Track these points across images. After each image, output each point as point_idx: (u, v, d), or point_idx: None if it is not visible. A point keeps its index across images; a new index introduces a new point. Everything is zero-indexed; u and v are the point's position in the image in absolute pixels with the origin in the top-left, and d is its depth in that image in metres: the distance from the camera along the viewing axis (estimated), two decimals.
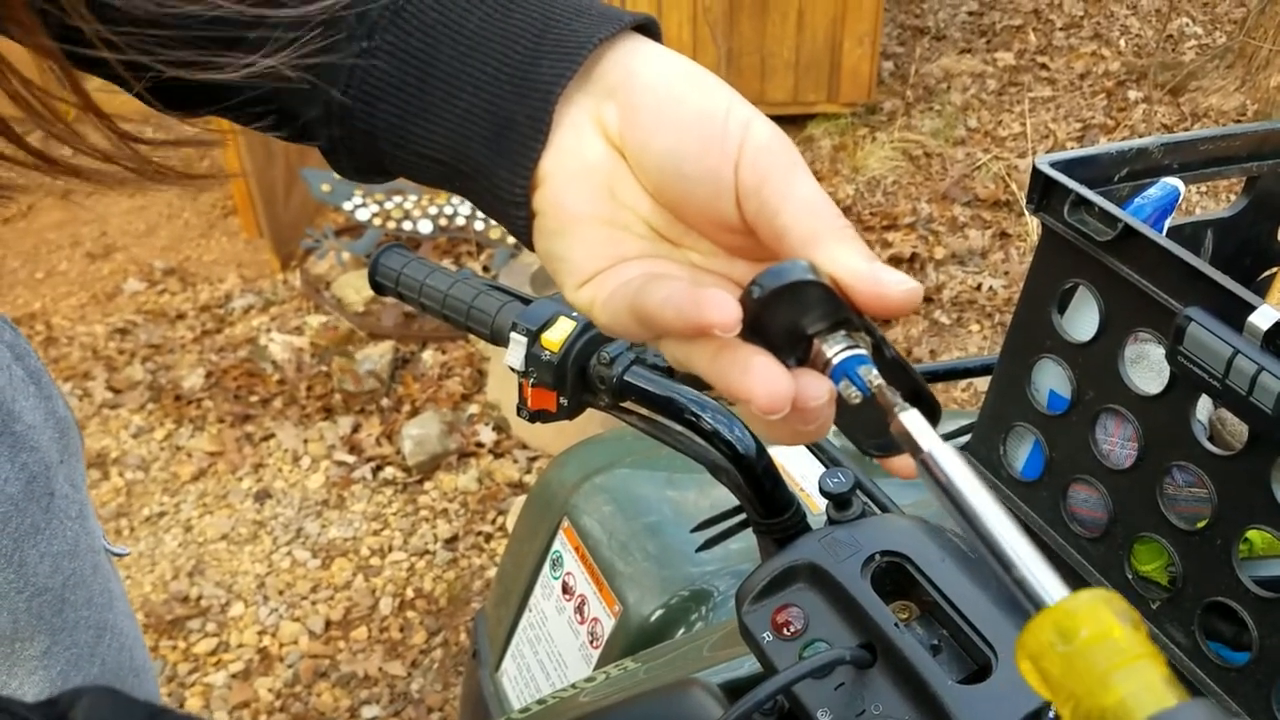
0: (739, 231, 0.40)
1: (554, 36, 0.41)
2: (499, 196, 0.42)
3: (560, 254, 0.42)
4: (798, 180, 0.39)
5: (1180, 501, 0.68)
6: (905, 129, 4.10)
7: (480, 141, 0.42)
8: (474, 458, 2.72)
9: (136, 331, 3.23)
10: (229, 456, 2.77)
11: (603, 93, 0.41)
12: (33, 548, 0.54)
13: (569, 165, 0.41)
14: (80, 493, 0.61)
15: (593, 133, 0.41)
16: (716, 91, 0.40)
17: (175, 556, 2.52)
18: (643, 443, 1.21)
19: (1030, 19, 4.90)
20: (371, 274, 0.83)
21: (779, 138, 0.40)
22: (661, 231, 0.42)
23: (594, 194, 0.41)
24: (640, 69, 0.41)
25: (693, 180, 0.40)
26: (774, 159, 0.39)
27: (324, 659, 2.28)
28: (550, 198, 0.41)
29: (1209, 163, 0.76)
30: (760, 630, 0.60)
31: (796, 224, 0.38)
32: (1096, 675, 0.29)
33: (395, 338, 3.05)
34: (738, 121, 0.40)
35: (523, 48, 0.41)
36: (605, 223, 0.41)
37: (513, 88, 0.41)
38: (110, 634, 0.61)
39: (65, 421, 0.60)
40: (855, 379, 0.38)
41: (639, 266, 0.41)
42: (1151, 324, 0.65)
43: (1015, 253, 3.44)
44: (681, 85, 0.40)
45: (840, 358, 0.38)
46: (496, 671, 1.17)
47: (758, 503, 0.70)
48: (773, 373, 0.36)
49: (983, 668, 0.57)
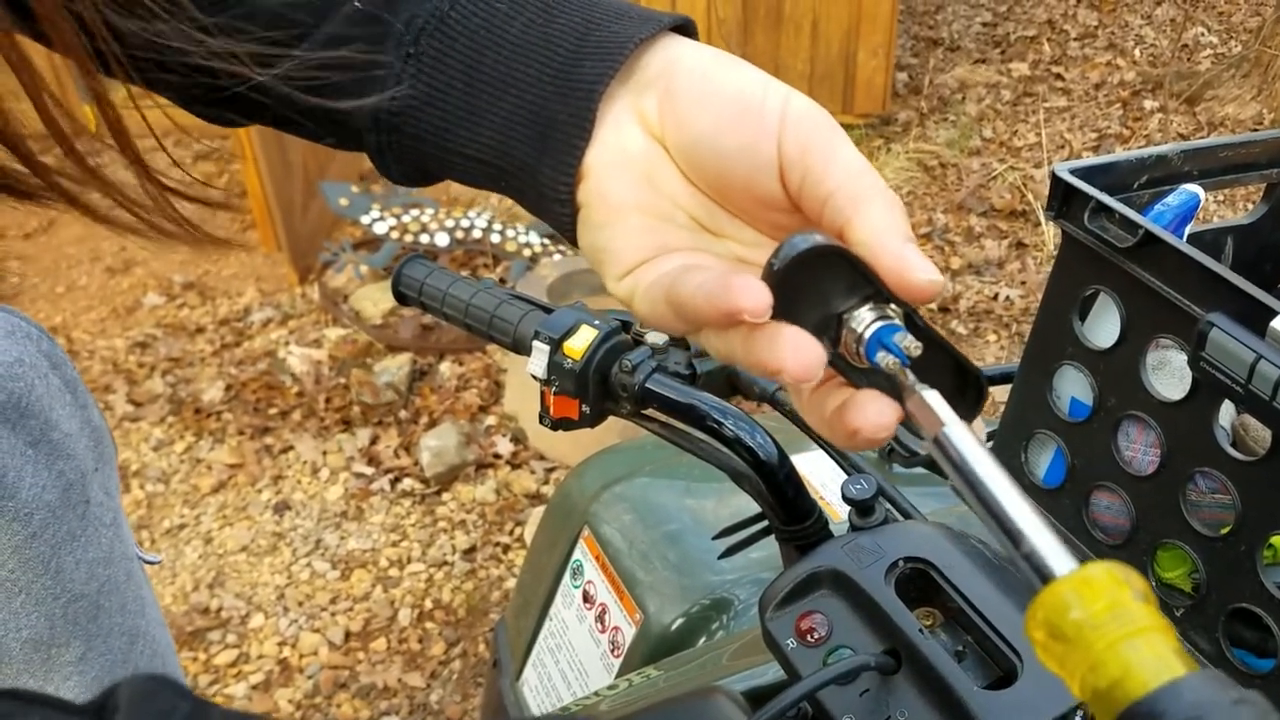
0: (781, 209, 0.41)
1: (595, 39, 0.42)
2: (544, 194, 0.43)
3: (603, 245, 0.42)
4: (840, 148, 0.39)
5: (1203, 508, 0.68)
6: (920, 140, 4.10)
7: (525, 141, 0.43)
8: (492, 469, 2.72)
9: (156, 345, 3.25)
10: (248, 468, 2.78)
11: (642, 86, 0.42)
12: (69, 554, 0.55)
13: (611, 158, 0.42)
14: (114, 500, 0.61)
15: (633, 125, 0.42)
16: (752, 73, 0.41)
17: (195, 568, 2.53)
18: (662, 451, 1.22)
19: (1044, 29, 4.90)
20: (395, 284, 0.84)
21: (818, 109, 0.40)
22: (703, 222, 0.43)
23: (635, 184, 0.42)
24: (679, 59, 0.42)
25: (732, 157, 0.40)
26: (816, 128, 0.39)
27: (343, 670, 2.29)
28: (594, 190, 0.42)
29: (1229, 170, 0.76)
30: (784, 637, 0.60)
31: (843, 187, 0.38)
32: (1106, 645, 0.29)
33: (413, 350, 3.06)
34: (776, 95, 0.40)
35: (565, 50, 0.42)
36: (647, 213, 0.42)
37: (555, 89, 0.42)
38: (143, 641, 0.62)
39: (100, 430, 0.61)
40: (893, 348, 0.37)
41: (680, 258, 0.41)
42: (1173, 330, 0.65)
43: (1032, 262, 3.44)
44: (718, 70, 0.41)
45: (872, 330, 0.38)
46: (518, 681, 1.18)
47: (780, 509, 0.70)
48: (802, 341, 0.36)
49: (1008, 674, 0.57)
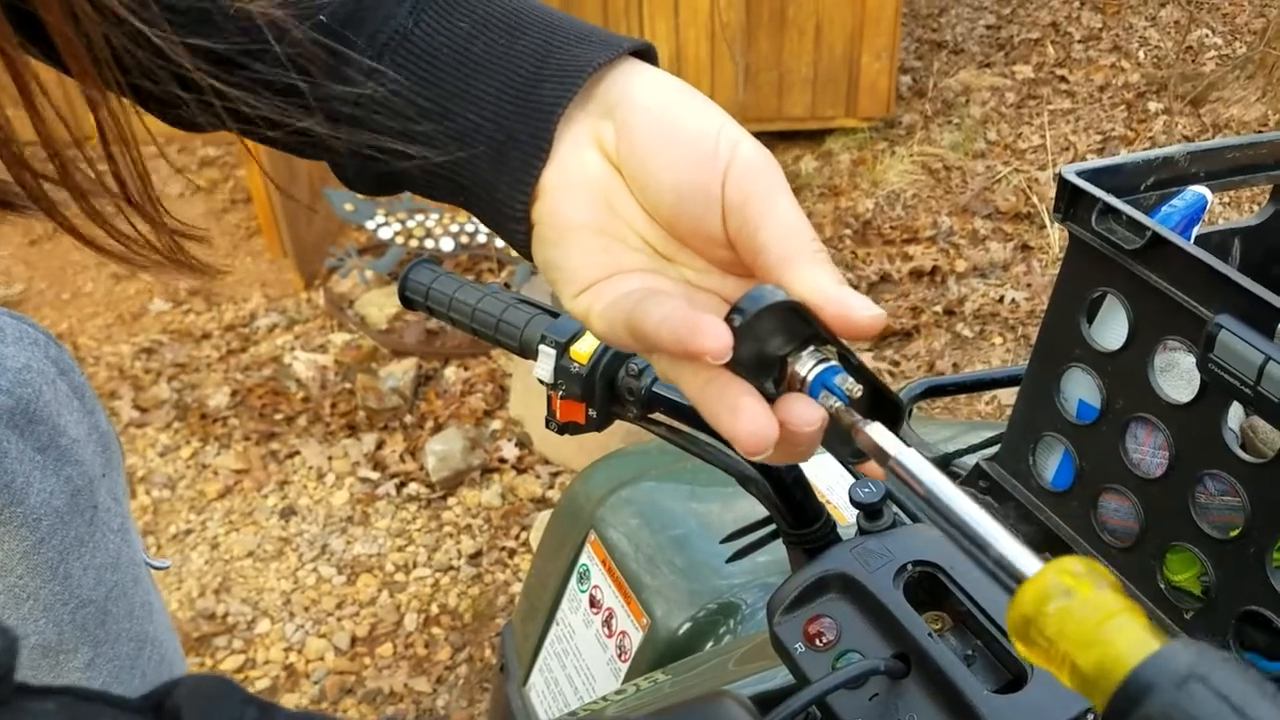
0: (729, 247, 0.42)
1: (556, 61, 0.43)
2: (500, 211, 0.44)
3: (558, 263, 0.43)
4: (778, 201, 0.40)
5: (1212, 510, 0.68)
6: (924, 143, 4.09)
7: (483, 159, 0.44)
8: (497, 473, 2.72)
9: (162, 351, 3.26)
10: (254, 474, 2.79)
11: (601, 113, 0.43)
12: (77, 560, 0.55)
13: (568, 179, 0.43)
14: (122, 506, 0.61)
15: (591, 149, 0.43)
16: (709, 112, 0.42)
17: (202, 574, 2.53)
18: (667, 456, 1.22)
19: (1048, 32, 4.89)
20: (401, 289, 0.84)
21: (765, 158, 0.42)
22: (656, 247, 0.44)
23: (591, 205, 0.43)
24: (637, 91, 0.43)
25: (685, 197, 0.41)
26: (758, 178, 0.41)
27: (350, 675, 2.29)
28: (548, 209, 0.43)
29: (1235, 171, 0.76)
30: (792, 641, 0.60)
31: (773, 243, 0.40)
32: (1086, 633, 0.31)
33: (418, 355, 3.07)
34: (728, 141, 0.41)
35: (526, 71, 0.43)
36: (601, 233, 0.43)
37: (515, 108, 0.43)
38: (150, 646, 0.62)
39: (107, 435, 0.61)
40: (834, 389, 0.41)
41: (636, 280, 0.42)
42: (1181, 332, 0.65)
43: (1037, 265, 3.43)
44: (676, 107, 0.42)
45: (815, 372, 0.41)
46: (524, 685, 1.17)
47: (788, 513, 0.70)
48: (760, 417, 0.38)
49: (1017, 677, 0.56)
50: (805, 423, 0.39)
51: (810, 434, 0.40)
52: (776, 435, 0.38)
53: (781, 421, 0.39)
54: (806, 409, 0.39)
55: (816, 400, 0.41)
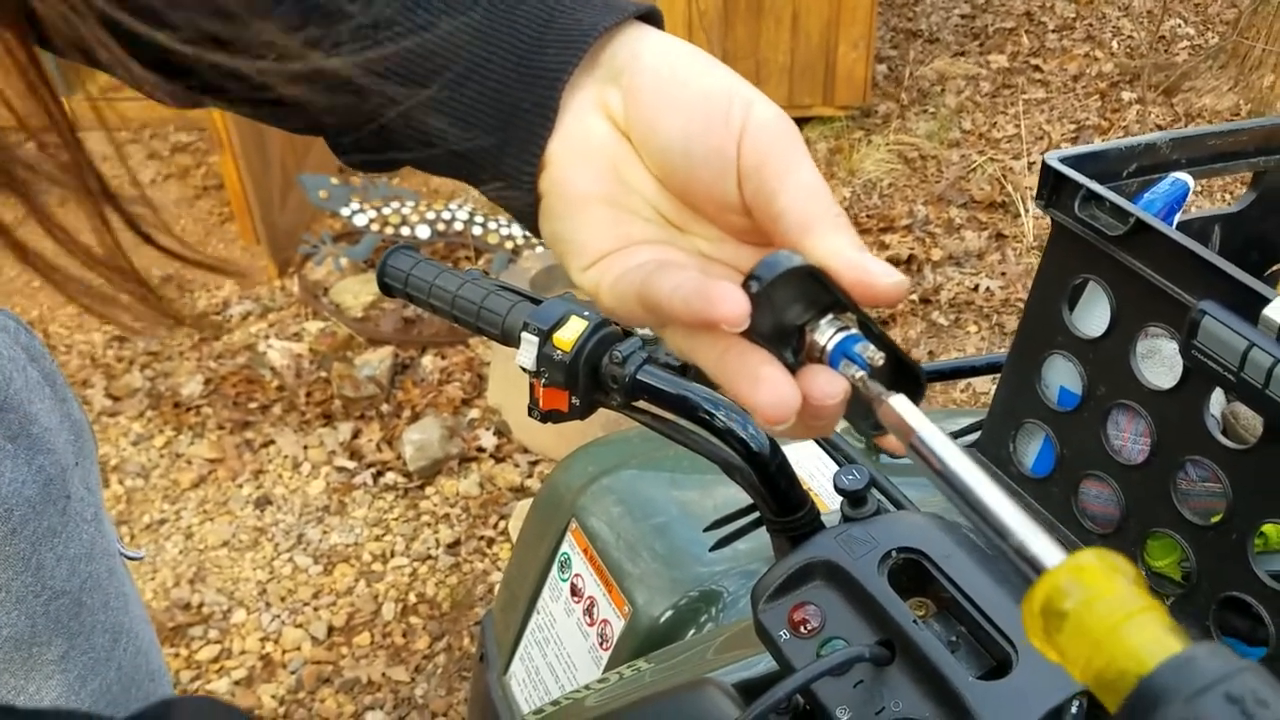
0: (745, 213, 0.41)
1: (559, 26, 0.41)
2: (506, 182, 0.43)
3: (566, 235, 0.42)
4: (797, 164, 0.39)
5: (1194, 496, 0.68)
6: (900, 131, 4.10)
7: (487, 130, 0.42)
8: (475, 462, 2.71)
9: (134, 339, 3.22)
10: (229, 463, 2.76)
11: (606, 78, 0.42)
12: (50, 551, 0.54)
13: (574, 148, 0.42)
14: (95, 495, 0.60)
15: (597, 116, 0.42)
16: (719, 73, 0.41)
17: (176, 564, 2.51)
18: (648, 444, 1.21)
19: (1022, 21, 4.91)
20: (380, 275, 0.83)
21: (782, 120, 0.40)
22: (668, 217, 0.42)
23: (599, 175, 0.42)
24: (643, 53, 0.41)
25: (698, 160, 0.40)
26: (775, 140, 0.39)
27: (327, 665, 2.27)
28: (556, 179, 0.42)
29: (1217, 158, 0.77)
30: (777, 628, 0.60)
31: (792, 208, 0.38)
32: (1104, 631, 0.29)
33: (394, 343, 3.05)
34: (742, 101, 0.40)
35: (528, 37, 0.41)
36: (611, 204, 0.42)
37: (518, 76, 0.41)
38: (126, 637, 0.61)
39: (80, 424, 0.60)
40: (855, 358, 0.39)
41: (647, 252, 0.41)
42: (1163, 318, 0.65)
43: (1012, 254, 3.45)
44: (685, 68, 0.41)
45: (835, 341, 0.39)
46: (505, 674, 1.17)
47: (772, 501, 0.70)
48: (781, 385, 0.36)
49: (1002, 663, 0.57)
50: (827, 395, 0.38)
51: (833, 406, 0.38)
52: (799, 404, 0.37)
53: (803, 394, 0.38)
54: (829, 380, 0.38)
55: (837, 370, 0.39)
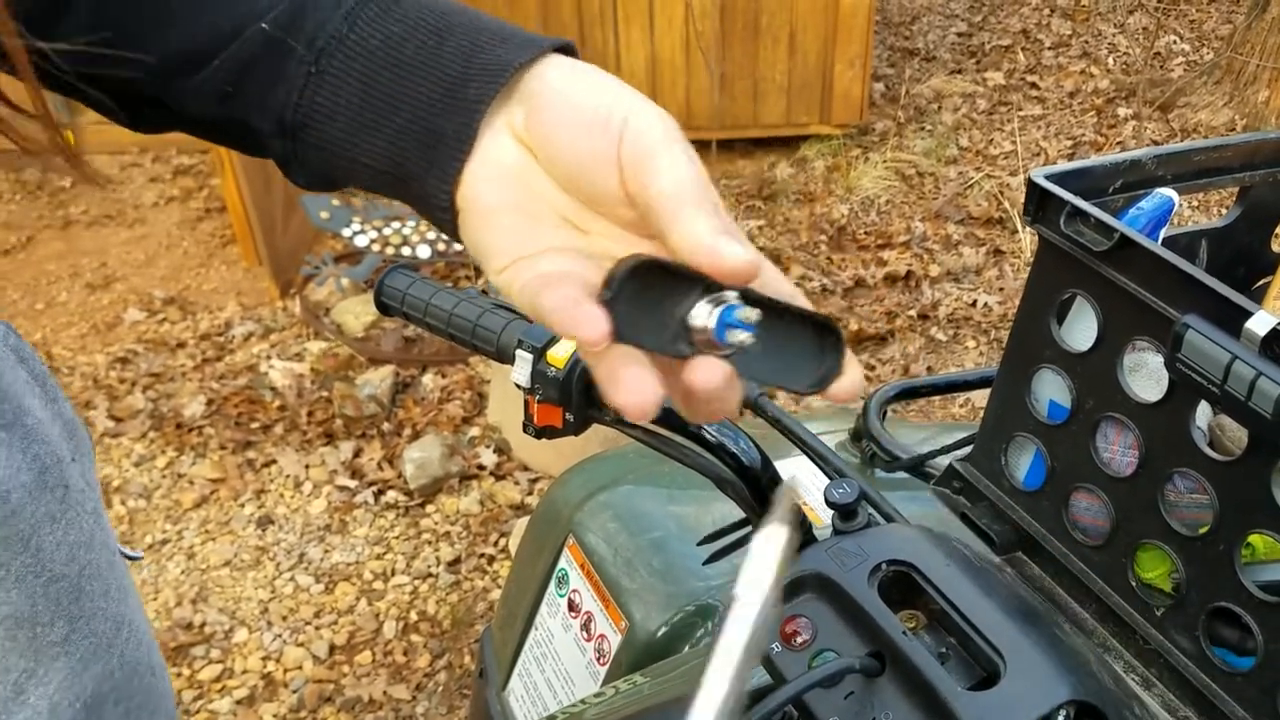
0: (632, 209, 0.44)
1: (480, 61, 0.46)
2: (429, 201, 0.47)
3: (482, 243, 0.46)
4: (671, 159, 0.42)
5: (1182, 508, 0.69)
6: (898, 149, 4.12)
7: (415, 154, 0.47)
8: (475, 480, 2.72)
9: (137, 360, 3.23)
10: (231, 483, 2.77)
11: (516, 101, 0.46)
12: (49, 534, 0.55)
13: (489, 169, 0.46)
14: (95, 491, 0.62)
15: (507, 135, 0.46)
16: (612, 89, 0.45)
17: (178, 583, 2.51)
18: (644, 459, 1.22)
19: (1019, 39, 4.94)
20: (377, 295, 0.84)
21: (660, 121, 0.43)
22: (573, 220, 0.46)
23: (509, 187, 0.46)
24: (549, 79, 0.46)
25: (588, 166, 0.44)
26: (652, 138, 0.43)
27: (328, 684, 2.27)
28: (470, 195, 0.46)
29: (1202, 174, 0.78)
30: (769, 641, 0.61)
31: (661, 197, 0.41)
32: None
33: (395, 362, 3.06)
34: (623, 109, 0.44)
35: (454, 72, 0.46)
36: (520, 212, 0.46)
37: (443, 106, 0.46)
38: (128, 629, 0.62)
39: (73, 424, 0.61)
40: (737, 324, 0.40)
41: (553, 258, 0.44)
42: (1149, 332, 0.66)
43: (1009, 269, 3.46)
44: (582, 88, 0.45)
45: (713, 319, 0.40)
46: (503, 691, 1.17)
47: (764, 514, 0.71)
48: (635, 383, 0.39)
49: (991, 675, 0.57)
50: (708, 381, 0.40)
51: (718, 390, 0.40)
52: (657, 398, 0.39)
53: (688, 384, 0.40)
54: (708, 367, 0.40)
55: (724, 341, 0.40)
